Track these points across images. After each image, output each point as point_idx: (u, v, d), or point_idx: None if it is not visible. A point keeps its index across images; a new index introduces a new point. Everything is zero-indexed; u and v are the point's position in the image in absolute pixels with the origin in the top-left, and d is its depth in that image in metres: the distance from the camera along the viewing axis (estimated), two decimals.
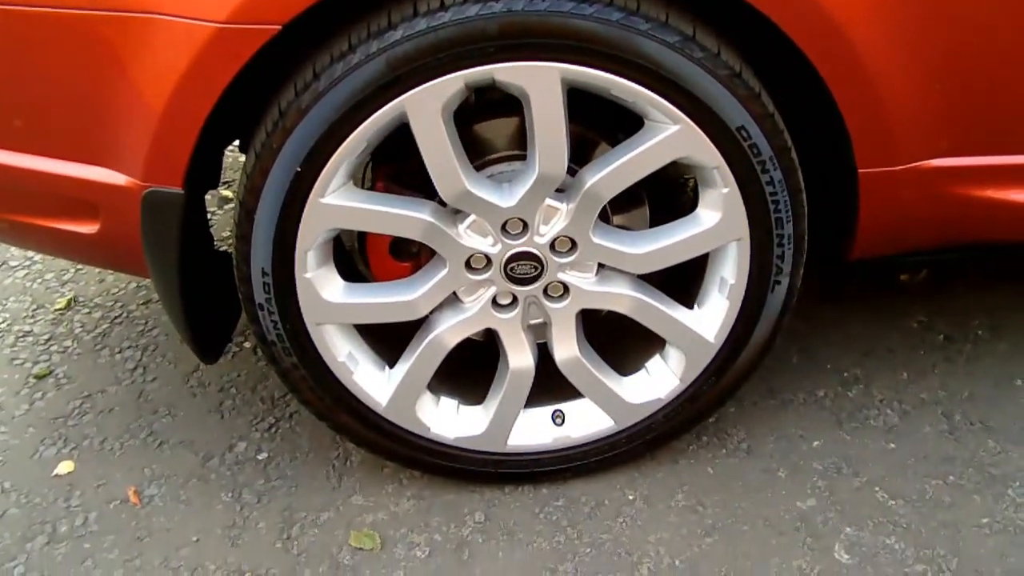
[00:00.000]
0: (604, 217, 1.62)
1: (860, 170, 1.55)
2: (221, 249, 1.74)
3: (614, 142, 1.56)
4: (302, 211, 1.48)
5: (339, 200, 1.48)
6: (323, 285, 1.57)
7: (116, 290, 2.40)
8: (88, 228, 1.57)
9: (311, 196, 1.47)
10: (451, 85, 1.41)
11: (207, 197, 1.62)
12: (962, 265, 2.26)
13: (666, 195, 1.75)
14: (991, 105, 1.54)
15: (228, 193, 2.72)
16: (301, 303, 1.56)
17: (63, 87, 1.43)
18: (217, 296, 1.68)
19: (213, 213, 2.62)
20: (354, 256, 1.74)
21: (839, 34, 1.41)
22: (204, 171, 1.54)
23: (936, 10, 1.44)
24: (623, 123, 1.57)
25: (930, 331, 2.15)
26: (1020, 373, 2.00)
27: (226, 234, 2.46)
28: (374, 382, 1.67)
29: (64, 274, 2.48)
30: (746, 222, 1.54)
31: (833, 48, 1.42)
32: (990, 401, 1.94)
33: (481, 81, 1.41)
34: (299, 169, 1.45)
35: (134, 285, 2.40)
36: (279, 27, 1.34)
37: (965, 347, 2.10)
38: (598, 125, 1.63)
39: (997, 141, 1.58)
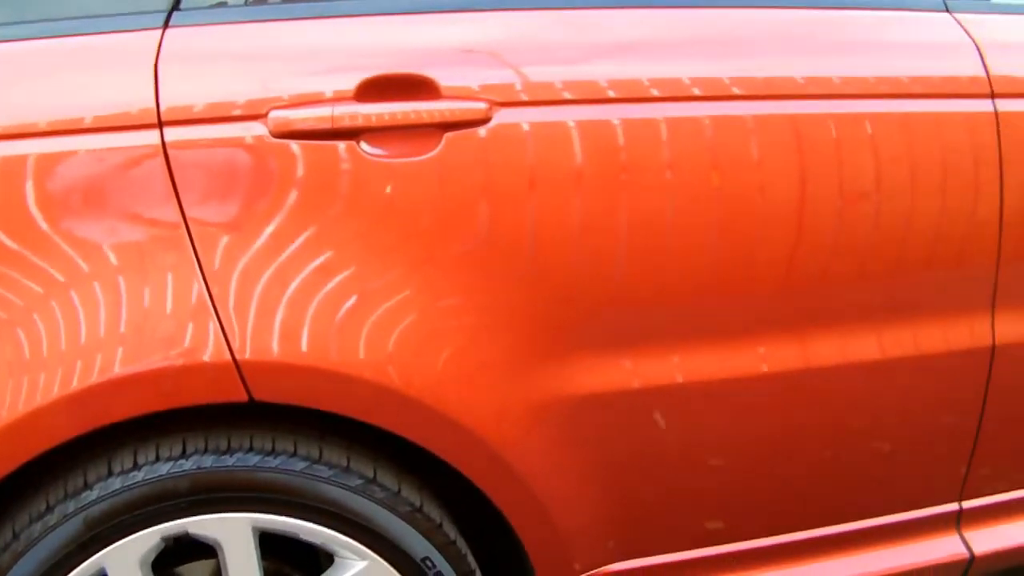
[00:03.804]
0: None
1: None
2: None
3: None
4: None
5: None
6: None
7: None
8: None
9: None
10: (148, 540, 1.55)
11: None
12: None
13: None
14: (654, 510, 1.79)
15: None
16: None
17: None
18: None
19: None
20: None
21: (499, 460, 1.63)
22: None
23: (581, 434, 1.70)
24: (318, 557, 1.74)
25: None
26: None
27: None
28: None
29: None
30: None
31: (495, 472, 1.64)
32: None
33: (176, 534, 1.56)
34: None
35: None
36: None
37: None
38: (295, 561, 1.79)
39: (664, 541, 1.83)
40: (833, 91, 1.76)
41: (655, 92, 1.67)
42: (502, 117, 1.56)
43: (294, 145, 1.50)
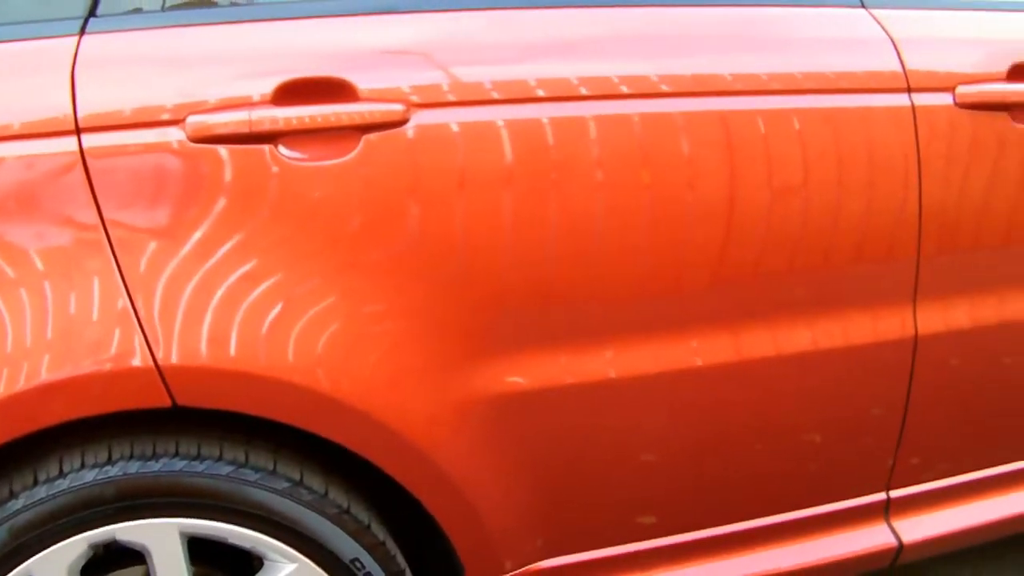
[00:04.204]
0: None
1: None
2: None
3: None
4: None
5: None
6: None
7: None
8: None
9: None
10: (75, 548, 1.56)
11: None
12: None
13: None
14: (585, 507, 1.83)
15: None
16: None
17: None
18: None
19: None
20: None
21: (427, 462, 1.66)
22: None
23: (510, 434, 1.73)
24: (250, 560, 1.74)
25: None
26: None
27: None
28: None
29: None
30: None
31: (423, 473, 1.66)
32: None
33: (104, 540, 1.57)
34: None
35: None
36: None
37: None
38: (225, 565, 1.80)
39: (596, 536, 1.86)
40: (760, 87, 1.79)
41: (583, 91, 1.69)
42: (421, 118, 1.58)
43: (212, 150, 1.51)
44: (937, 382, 2.02)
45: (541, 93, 1.66)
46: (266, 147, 1.53)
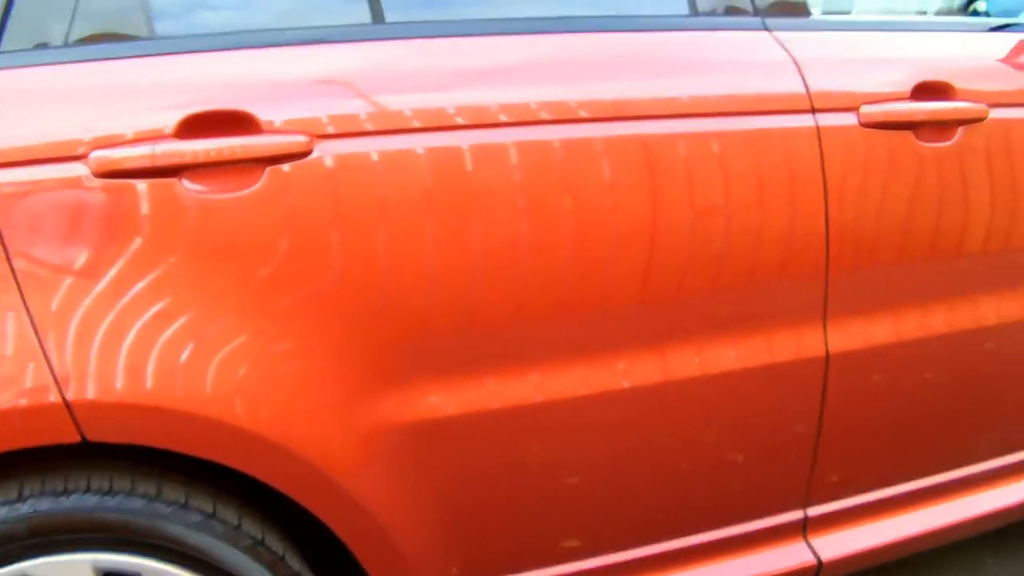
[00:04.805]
0: None
1: None
2: None
3: None
4: None
5: None
6: None
7: None
8: None
9: None
10: None
11: None
12: None
13: None
14: (507, 531, 1.85)
15: None
16: None
17: None
18: None
19: None
20: None
21: (340, 491, 1.67)
22: None
23: (429, 461, 1.75)
24: None
25: None
26: None
27: None
28: None
29: None
30: None
31: (337, 503, 1.68)
32: None
33: None
34: None
35: None
36: None
37: None
38: None
39: (518, 560, 1.88)
40: (671, 111, 1.84)
41: (503, 117, 1.72)
42: (324, 149, 1.60)
43: (117, 184, 1.52)
44: (850, 399, 2.06)
45: (439, 122, 1.69)
46: (170, 181, 1.53)
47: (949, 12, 2.74)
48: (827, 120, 1.93)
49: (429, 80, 1.73)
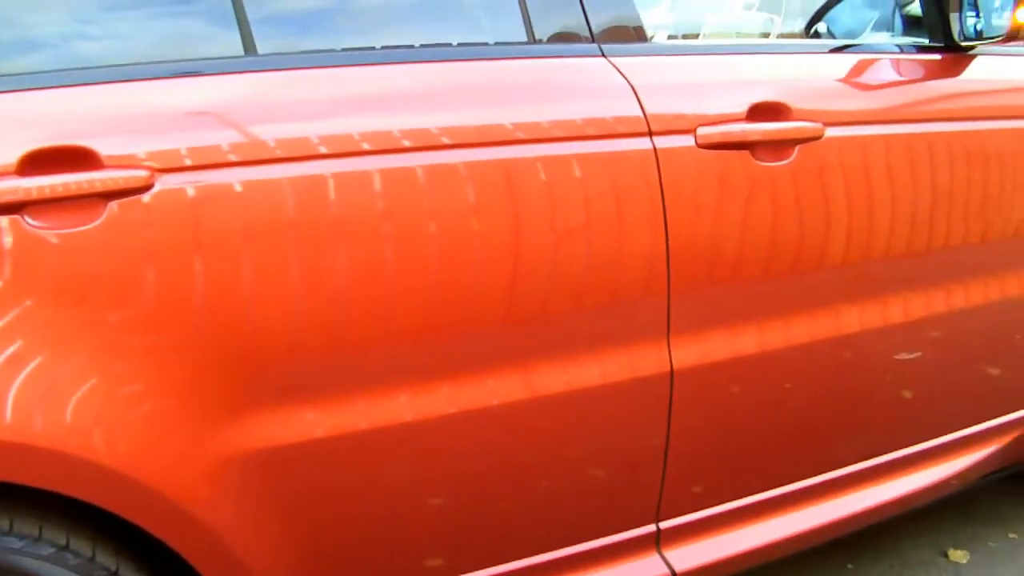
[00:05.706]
0: None
1: None
2: None
3: None
4: None
5: None
6: None
7: None
8: None
9: None
10: None
11: None
12: None
13: None
14: (364, 552, 1.90)
15: None
16: None
17: None
18: None
19: None
20: None
21: (191, 520, 1.69)
22: None
23: (283, 487, 1.78)
24: None
25: None
26: None
27: None
28: None
29: None
30: None
31: (188, 533, 1.70)
32: None
33: None
34: None
35: None
36: None
37: None
38: None
39: None
40: (509, 137, 1.91)
41: (365, 146, 1.78)
42: (166, 183, 1.63)
43: None
44: (697, 413, 2.14)
45: (282, 153, 1.72)
46: (14, 218, 1.55)
47: (792, 35, 2.83)
48: (664, 142, 2.01)
49: (289, 111, 1.78)
